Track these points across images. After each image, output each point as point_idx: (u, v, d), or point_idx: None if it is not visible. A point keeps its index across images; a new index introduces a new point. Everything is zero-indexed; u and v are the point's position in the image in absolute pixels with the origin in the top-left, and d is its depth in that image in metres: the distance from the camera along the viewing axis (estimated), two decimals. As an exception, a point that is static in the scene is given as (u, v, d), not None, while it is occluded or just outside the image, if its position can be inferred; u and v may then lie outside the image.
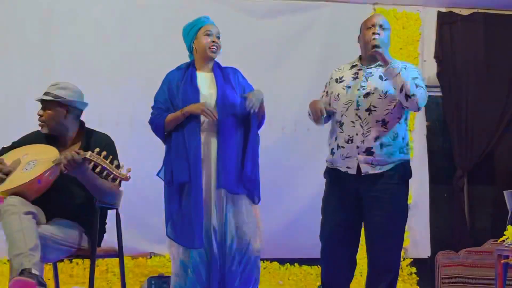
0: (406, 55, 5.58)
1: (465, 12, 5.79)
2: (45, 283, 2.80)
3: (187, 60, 3.67)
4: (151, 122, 3.52)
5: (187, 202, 3.33)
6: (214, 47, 3.53)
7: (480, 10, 5.79)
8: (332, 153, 3.40)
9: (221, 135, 3.41)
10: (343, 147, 3.32)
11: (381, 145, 3.28)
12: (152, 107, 3.55)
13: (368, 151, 3.27)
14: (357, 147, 3.28)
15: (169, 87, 3.52)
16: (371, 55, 3.33)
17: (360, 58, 3.49)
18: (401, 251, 3.43)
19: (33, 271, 2.77)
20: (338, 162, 3.36)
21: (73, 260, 4.91)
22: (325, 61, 4.05)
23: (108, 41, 5.28)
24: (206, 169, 3.41)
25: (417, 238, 5.42)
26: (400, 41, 5.60)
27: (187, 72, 3.55)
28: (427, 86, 5.53)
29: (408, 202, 5.30)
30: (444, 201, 5.66)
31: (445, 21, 5.77)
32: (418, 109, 3.31)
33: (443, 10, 5.79)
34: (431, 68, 5.72)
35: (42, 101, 3.34)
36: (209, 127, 3.45)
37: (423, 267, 5.43)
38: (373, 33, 3.33)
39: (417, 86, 3.25)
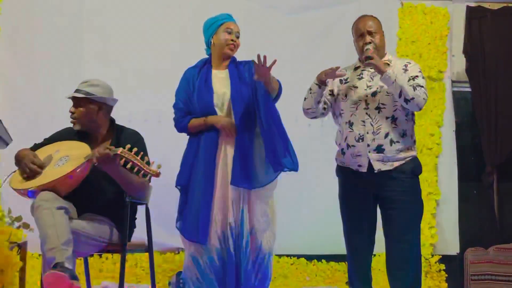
0: (434, 50, 5.54)
1: (494, 6, 5.72)
2: (77, 277, 2.84)
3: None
4: (175, 124, 3.62)
5: (197, 199, 3.40)
6: (232, 45, 3.55)
7: (510, 4, 5.71)
8: (343, 153, 3.44)
9: (237, 133, 3.46)
10: (354, 146, 3.36)
11: (391, 142, 3.33)
12: (174, 106, 3.64)
13: (379, 149, 3.33)
14: (368, 145, 3.33)
15: (186, 85, 3.60)
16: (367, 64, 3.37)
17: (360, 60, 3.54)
18: (419, 244, 3.43)
19: (66, 265, 2.81)
20: (348, 161, 3.41)
21: (103, 255, 4.97)
22: (352, 56, 4.03)
23: (137, 38, 5.32)
24: (223, 168, 3.46)
25: (446, 234, 5.38)
26: (428, 36, 5.55)
27: (202, 70, 3.60)
28: (456, 82, 5.63)
29: (437, 199, 5.38)
30: (473, 198, 5.60)
31: (474, 15, 5.70)
32: (419, 109, 3.34)
33: (472, 4, 5.71)
34: (460, 63, 5.65)
35: (74, 98, 3.38)
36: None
37: (452, 264, 5.38)
38: (364, 44, 3.37)
39: (415, 88, 3.27)
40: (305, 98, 3.52)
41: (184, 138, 3.73)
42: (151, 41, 5.32)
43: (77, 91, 3.37)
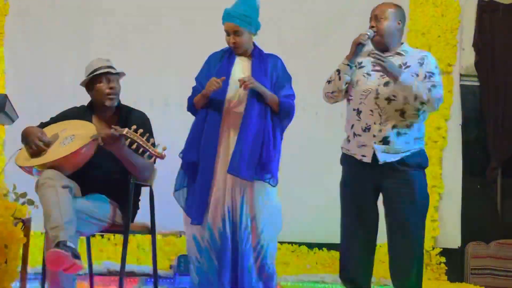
0: (444, 43, 5.51)
1: (506, 1, 5.67)
2: (80, 256, 2.84)
3: (222, 42, 3.69)
4: (187, 104, 3.64)
5: (197, 179, 3.47)
6: (232, 46, 3.54)
7: (522, 0, 5.68)
8: (348, 140, 3.40)
9: (244, 121, 3.47)
10: (360, 135, 3.32)
11: (398, 134, 3.28)
12: (192, 88, 3.64)
13: (385, 140, 3.27)
14: (374, 136, 3.28)
15: (208, 68, 3.59)
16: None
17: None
18: (423, 239, 3.41)
19: (68, 244, 2.81)
20: (353, 150, 3.37)
21: (105, 235, 4.99)
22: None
23: (146, 20, 5.32)
24: (225, 151, 3.48)
25: (447, 228, 5.39)
26: (439, 28, 5.52)
27: (226, 55, 3.61)
28: (464, 75, 5.60)
29: (441, 192, 5.37)
30: (476, 192, 5.59)
31: (485, 9, 5.66)
32: (435, 110, 3.30)
33: (484, -2, 5.69)
34: (469, 57, 5.63)
35: (109, 74, 3.33)
36: (237, 111, 3.51)
37: (453, 257, 5.39)
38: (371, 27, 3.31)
39: (430, 89, 3.21)
40: (329, 81, 3.41)
41: (189, 121, 3.72)
42: (160, 25, 5.32)
43: (109, 67, 3.34)
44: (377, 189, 3.37)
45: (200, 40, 5.03)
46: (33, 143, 3.17)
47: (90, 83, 3.35)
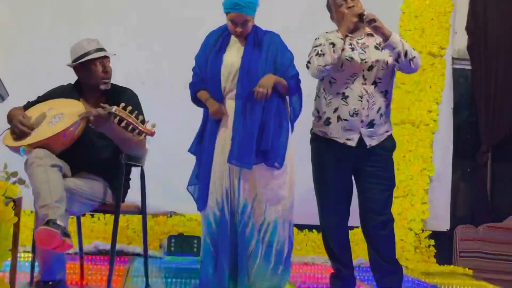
0: (437, 26, 5.49)
1: (500, -15, 5.67)
2: (70, 234, 2.83)
3: (211, 21, 3.66)
4: (190, 88, 3.57)
5: (202, 168, 3.49)
6: (237, 33, 3.46)
7: (516, -16, 5.66)
8: (328, 123, 3.40)
9: (239, 106, 3.42)
10: (346, 120, 3.35)
11: (380, 115, 3.38)
12: (192, 69, 3.58)
13: (371, 124, 3.35)
14: (362, 121, 3.34)
15: (204, 50, 3.53)
16: (371, 28, 3.33)
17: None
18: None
19: (58, 222, 2.80)
20: (336, 133, 3.39)
21: (95, 215, 4.98)
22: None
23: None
24: (224, 137, 3.43)
25: (437, 211, 5.41)
26: (432, 11, 5.50)
27: (222, 36, 3.53)
28: (457, 59, 5.61)
29: (431, 175, 5.39)
30: (467, 176, 5.62)
31: (479, -8, 5.65)
32: (417, 70, 3.40)
33: (478, -19, 5.66)
34: (462, 40, 5.63)
35: (105, 57, 3.30)
36: (231, 98, 3.46)
37: (442, 240, 5.42)
38: (349, 7, 3.32)
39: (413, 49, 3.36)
40: (320, 55, 3.31)
41: (180, 102, 3.69)
42: (151, 3, 5.27)
43: (103, 50, 3.30)
44: (355, 170, 3.46)
45: (192, 19, 5.00)
46: (15, 127, 3.15)
47: (82, 65, 3.31)
